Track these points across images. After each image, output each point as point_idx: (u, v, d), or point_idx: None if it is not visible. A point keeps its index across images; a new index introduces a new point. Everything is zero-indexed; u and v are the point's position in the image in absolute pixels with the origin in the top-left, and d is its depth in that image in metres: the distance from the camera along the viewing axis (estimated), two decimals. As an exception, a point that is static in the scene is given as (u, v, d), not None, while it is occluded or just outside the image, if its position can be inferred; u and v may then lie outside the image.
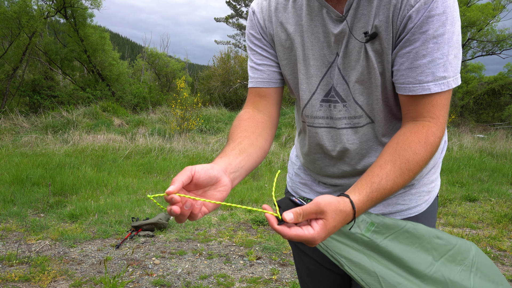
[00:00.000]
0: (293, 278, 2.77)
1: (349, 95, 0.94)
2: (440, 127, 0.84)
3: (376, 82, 0.90)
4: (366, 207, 0.78)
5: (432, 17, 0.80)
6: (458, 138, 10.27)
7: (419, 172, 0.83)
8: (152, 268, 2.91)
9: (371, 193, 0.78)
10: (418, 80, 0.83)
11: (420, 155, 0.81)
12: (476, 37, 16.85)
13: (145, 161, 7.25)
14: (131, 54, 33.32)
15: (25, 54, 13.11)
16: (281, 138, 10.41)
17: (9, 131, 9.84)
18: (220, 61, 18.48)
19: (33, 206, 4.32)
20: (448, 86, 0.83)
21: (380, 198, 0.79)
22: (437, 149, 0.85)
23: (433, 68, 0.82)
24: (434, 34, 0.80)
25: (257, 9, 1.03)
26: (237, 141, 0.90)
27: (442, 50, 0.81)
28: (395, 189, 0.80)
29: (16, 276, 2.68)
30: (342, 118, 0.97)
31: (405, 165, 0.80)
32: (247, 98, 1.07)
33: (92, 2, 14.47)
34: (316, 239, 0.71)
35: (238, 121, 0.99)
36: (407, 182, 0.82)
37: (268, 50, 1.03)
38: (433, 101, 0.84)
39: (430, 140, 0.82)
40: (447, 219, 4.12)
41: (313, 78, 0.97)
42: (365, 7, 0.85)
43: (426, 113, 0.84)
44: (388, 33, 0.85)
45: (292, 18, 0.97)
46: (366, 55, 0.88)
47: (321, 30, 0.93)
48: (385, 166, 0.80)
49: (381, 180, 0.79)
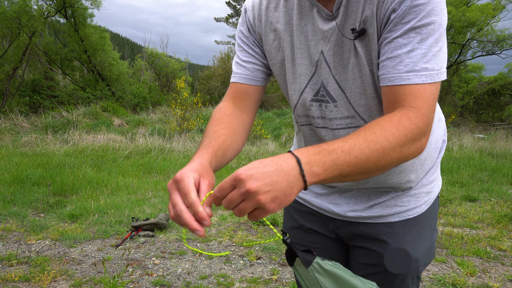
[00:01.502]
0: (293, 278, 2.77)
1: (341, 95, 0.92)
2: (421, 117, 0.75)
3: (367, 80, 0.87)
4: (312, 151, 0.67)
5: (415, 7, 0.76)
6: (458, 138, 10.27)
7: (391, 151, 0.72)
8: (152, 268, 2.91)
9: (322, 145, 0.68)
10: (396, 70, 0.78)
11: (389, 131, 0.71)
12: (476, 37, 16.84)
13: (145, 161, 7.25)
14: (131, 54, 33.31)
15: (25, 54, 13.11)
16: (281, 138, 10.41)
17: (9, 131, 9.84)
18: (220, 61, 18.49)
19: (33, 206, 4.32)
20: (432, 79, 0.77)
21: (336, 154, 0.67)
22: (414, 136, 0.74)
23: (413, 58, 0.77)
24: (416, 24, 0.77)
25: (249, 7, 1.04)
26: (221, 139, 0.87)
27: (425, 41, 0.77)
28: (359, 156, 0.68)
29: (16, 276, 2.67)
30: (334, 118, 0.95)
31: (371, 135, 0.70)
32: (228, 91, 1.06)
33: (92, 2, 14.48)
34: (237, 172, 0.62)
35: (220, 114, 0.97)
36: (378, 157, 0.70)
37: (254, 49, 1.03)
38: (415, 92, 0.76)
39: (404, 122, 0.73)
40: (447, 219, 4.12)
41: (301, 77, 0.96)
42: (354, 4, 0.84)
43: (406, 103, 0.77)
44: (373, 27, 0.82)
45: (283, 18, 0.96)
46: (355, 53, 0.86)
47: (310, 29, 0.92)
48: (348, 136, 0.72)
49: (337, 141, 0.69)
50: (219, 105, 1.02)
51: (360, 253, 1.05)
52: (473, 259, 3.10)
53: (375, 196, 1.02)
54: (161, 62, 18.85)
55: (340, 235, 1.10)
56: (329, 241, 1.13)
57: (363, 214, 1.03)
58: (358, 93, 0.90)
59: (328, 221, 1.10)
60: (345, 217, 1.06)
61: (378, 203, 1.02)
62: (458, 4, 16.26)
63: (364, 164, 0.70)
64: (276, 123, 12.28)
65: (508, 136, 10.58)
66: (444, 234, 3.63)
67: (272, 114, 13.63)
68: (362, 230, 1.04)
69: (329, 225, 1.11)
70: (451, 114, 14.53)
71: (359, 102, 0.91)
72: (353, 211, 1.04)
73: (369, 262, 1.03)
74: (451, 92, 18.21)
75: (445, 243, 3.39)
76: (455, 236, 3.56)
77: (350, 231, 1.06)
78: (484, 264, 3.01)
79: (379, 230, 1.01)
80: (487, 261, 3.06)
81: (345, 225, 1.07)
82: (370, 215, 1.02)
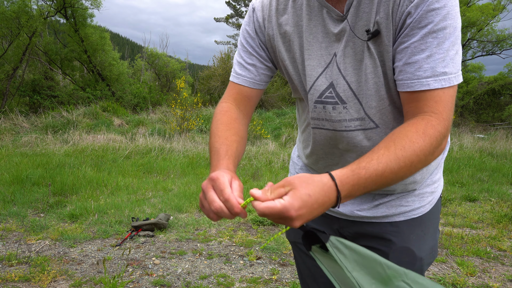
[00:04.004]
0: (293, 278, 2.77)
1: (351, 96, 0.91)
2: (442, 122, 0.78)
3: (380, 82, 0.87)
4: (351, 182, 0.71)
5: (431, 11, 0.77)
6: (458, 138, 10.27)
7: (418, 163, 0.75)
8: (152, 268, 2.91)
9: (357, 169, 0.71)
10: (416, 76, 0.79)
11: (417, 144, 0.74)
12: (476, 37, 16.86)
13: (145, 161, 7.25)
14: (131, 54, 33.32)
15: (25, 54, 13.11)
16: (281, 138, 10.41)
17: (9, 131, 9.84)
18: (220, 61, 18.50)
19: (33, 206, 4.32)
20: (450, 83, 0.78)
21: (371, 179, 0.71)
22: (438, 143, 0.77)
23: (432, 63, 0.78)
24: (433, 28, 0.77)
25: (258, 7, 1.01)
26: (234, 146, 0.90)
27: (442, 45, 0.77)
28: (389, 175, 0.73)
29: (16, 276, 2.67)
30: (343, 120, 0.93)
31: (400, 151, 0.73)
32: (229, 91, 1.05)
33: (92, 2, 14.48)
34: (288, 208, 0.65)
35: (227, 118, 0.97)
36: (403, 172, 0.74)
37: (259, 52, 1.02)
38: (435, 97, 0.79)
39: (429, 131, 0.76)
40: (447, 219, 4.12)
41: (310, 78, 0.95)
42: (367, 5, 0.83)
43: (427, 108, 0.79)
44: (389, 30, 0.82)
45: (291, 19, 0.95)
46: (369, 54, 0.86)
47: (320, 30, 0.91)
48: (377, 150, 0.75)
49: (371, 160, 0.73)
50: (222, 106, 1.02)
51: None
52: (473, 259, 3.10)
53: (380, 196, 1.02)
54: (161, 62, 18.85)
55: (345, 235, 1.10)
56: None
57: (368, 214, 1.03)
58: (369, 94, 0.89)
59: (332, 220, 1.11)
60: (350, 216, 1.06)
61: (383, 202, 1.02)
62: (459, 4, 16.24)
63: (390, 180, 0.74)
64: (276, 123, 12.28)
65: (508, 136, 10.58)
66: (444, 234, 3.63)
67: (272, 114, 13.63)
68: (367, 229, 1.04)
69: (333, 225, 1.11)
70: (451, 114, 14.50)
71: (370, 104, 0.90)
72: (358, 210, 1.04)
73: None
74: (451, 92, 18.14)
75: (445, 243, 3.39)
76: (455, 236, 3.56)
77: (355, 230, 1.06)
78: (484, 264, 3.01)
79: (384, 229, 1.02)
80: (487, 261, 3.06)
81: (349, 224, 1.07)
82: (375, 215, 1.02)
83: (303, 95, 1.01)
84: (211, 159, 0.88)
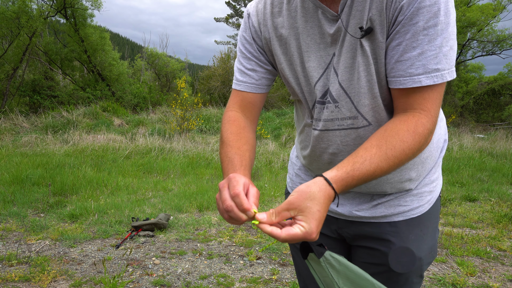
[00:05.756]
0: (293, 278, 2.77)
1: (342, 95, 0.91)
2: (431, 120, 0.81)
3: (373, 80, 0.87)
4: (346, 183, 0.76)
5: (422, 8, 0.77)
6: (458, 138, 10.27)
7: (405, 160, 0.80)
8: (152, 268, 2.91)
9: (352, 171, 0.76)
10: (408, 73, 0.81)
11: (407, 143, 0.79)
12: (476, 37, 16.85)
13: (145, 161, 7.25)
14: (131, 54, 33.31)
15: (25, 54, 13.11)
16: (281, 138, 10.41)
17: (9, 131, 9.84)
18: (220, 61, 18.50)
19: (33, 206, 4.32)
20: (442, 79, 0.80)
21: (363, 179, 0.78)
22: (426, 141, 0.82)
23: (423, 61, 0.79)
24: (424, 25, 0.78)
25: (253, 12, 1.02)
26: (247, 155, 0.93)
27: (434, 42, 0.78)
28: (378, 174, 0.78)
29: (16, 276, 2.67)
30: (335, 119, 0.94)
31: (391, 151, 0.78)
32: (234, 99, 1.05)
33: (93, 2, 14.49)
34: (310, 233, 0.71)
35: (237, 128, 0.99)
36: (391, 169, 0.80)
37: (258, 57, 1.02)
38: (424, 94, 0.81)
39: (419, 130, 0.80)
40: (447, 219, 4.12)
41: (312, 79, 0.96)
42: (360, 3, 0.84)
43: (417, 105, 0.82)
44: (382, 26, 0.82)
45: (287, 22, 0.95)
46: (362, 52, 0.86)
47: (317, 32, 0.91)
48: (370, 149, 0.79)
49: (365, 161, 0.77)
50: (229, 115, 1.03)
51: (364, 253, 1.05)
52: (473, 259, 3.10)
53: (378, 196, 1.02)
54: (161, 62, 18.86)
55: (343, 235, 1.10)
56: (332, 241, 1.13)
57: (367, 214, 1.03)
58: (362, 92, 0.89)
59: (331, 221, 1.10)
60: (349, 217, 1.06)
61: (382, 202, 1.02)
62: (459, 4, 16.25)
63: (378, 177, 0.80)
64: (276, 123, 12.28)
65: (508, 136, 10.58)
66: (444, 234, 3.63)
67: (272, 114, 13.63)
68: (365, 230, 1.04)
69: (331, 226, 1.11)
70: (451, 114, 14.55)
71: (363, 102, 0.90)
72: (357, 210, 1.04)
73: (373, 262, 1.03)
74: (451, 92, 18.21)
75: (445, 243, 3.39)
76: (455, 236, 3.56)
77: (354, 231, 1.06)
78: (484, 264, 3.01)
79: (383, 229, 1.01)
80: (487, 261, 3.06)
81: (348, 225, 1.07)
82: (374, 215, 1.02)
83: (301, 97, 1.01)
84: (225, 169, 0.90)
